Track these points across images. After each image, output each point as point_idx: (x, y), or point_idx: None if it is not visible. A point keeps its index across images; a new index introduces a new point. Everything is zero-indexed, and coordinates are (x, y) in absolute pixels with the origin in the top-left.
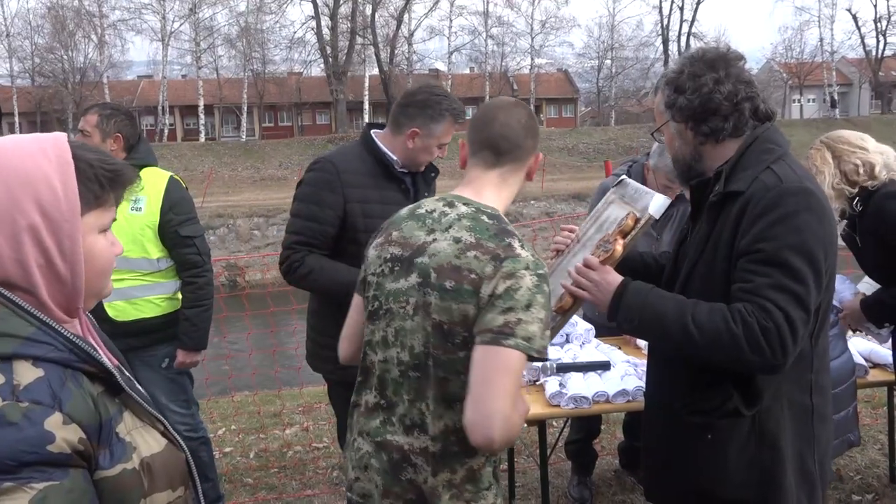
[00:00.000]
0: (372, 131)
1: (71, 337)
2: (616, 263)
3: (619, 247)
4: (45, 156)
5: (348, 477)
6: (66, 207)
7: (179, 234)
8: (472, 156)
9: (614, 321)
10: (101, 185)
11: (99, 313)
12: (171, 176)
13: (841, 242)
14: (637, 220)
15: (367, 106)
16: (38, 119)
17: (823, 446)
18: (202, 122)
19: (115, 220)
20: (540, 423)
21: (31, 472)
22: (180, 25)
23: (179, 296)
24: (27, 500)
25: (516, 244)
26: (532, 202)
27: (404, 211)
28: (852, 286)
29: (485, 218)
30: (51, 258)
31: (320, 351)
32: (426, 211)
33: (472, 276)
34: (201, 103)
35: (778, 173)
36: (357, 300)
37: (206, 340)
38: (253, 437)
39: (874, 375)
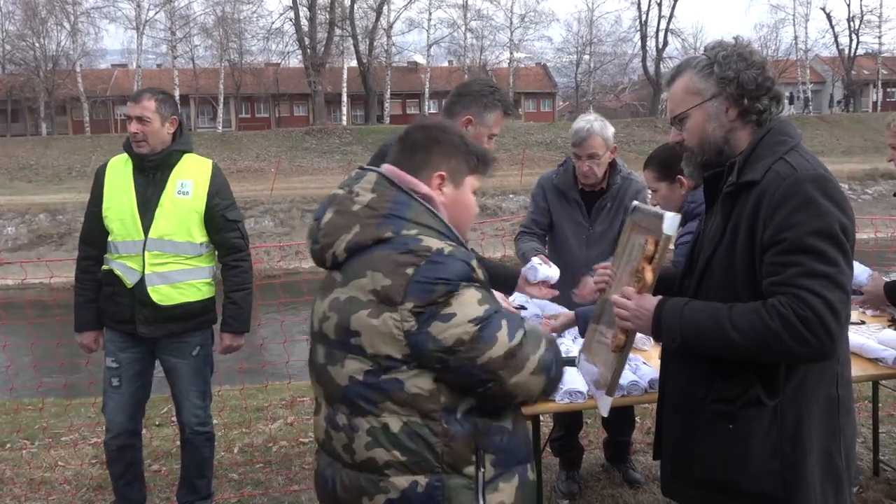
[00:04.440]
0: None
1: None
2: (651, 289)
3: (648, 273)
4: None
5: None
6: None
7: (226, 217)
8: None
9: (661, 342)
10: (479, 159)
11: (142, 298)
12: (214, 162)
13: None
14: (657, 243)
15: (345, 98)
16: (9, 108)
17: (849, 440)
18: None
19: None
20: (534, 418)
21: (468, 284)
22: (155, 14)
23: (213, 282)
24: (474, 289)
25: None
26: (511, 196)
27: None
28: (867, 270)
29: None
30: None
31: None
32: None
33: None
34: (177, 93)
35: (791, 163)
36: None
37: (250, 323)
38: (237, 432)
39: (864, 369)
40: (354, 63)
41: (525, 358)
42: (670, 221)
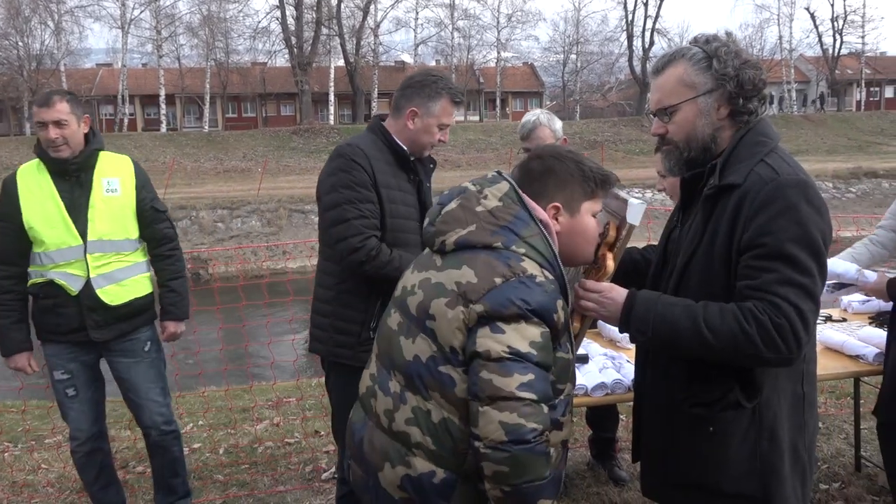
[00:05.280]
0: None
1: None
2: (611, 277)
3: (609, 261)
4: None
5: None
6: None
7: (156, 209)
8: None
9: (626, 333)
10: (596, 183)
11: (91, 303)
12: (131, 157)
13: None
14: (619, 230)
15: (332, 97)
16: None
17: (811, 433)
18: (163, 111)
19: (601, 210)
20: None
21: (539, 322)
22: (140, 13)
23: (151, 276)
24: (539, 330)
25: None
26: None
27: None
28: (854, 266)
29: None
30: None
31: (338, 336)
32: None
33: None
34: (162, 93)
35: (773, 166)
36: None
37: (189, 310)
38: (222, 433)
39: (845, 366)
40: (341, 62)
41: (514, 409)
42: (635, 210)
